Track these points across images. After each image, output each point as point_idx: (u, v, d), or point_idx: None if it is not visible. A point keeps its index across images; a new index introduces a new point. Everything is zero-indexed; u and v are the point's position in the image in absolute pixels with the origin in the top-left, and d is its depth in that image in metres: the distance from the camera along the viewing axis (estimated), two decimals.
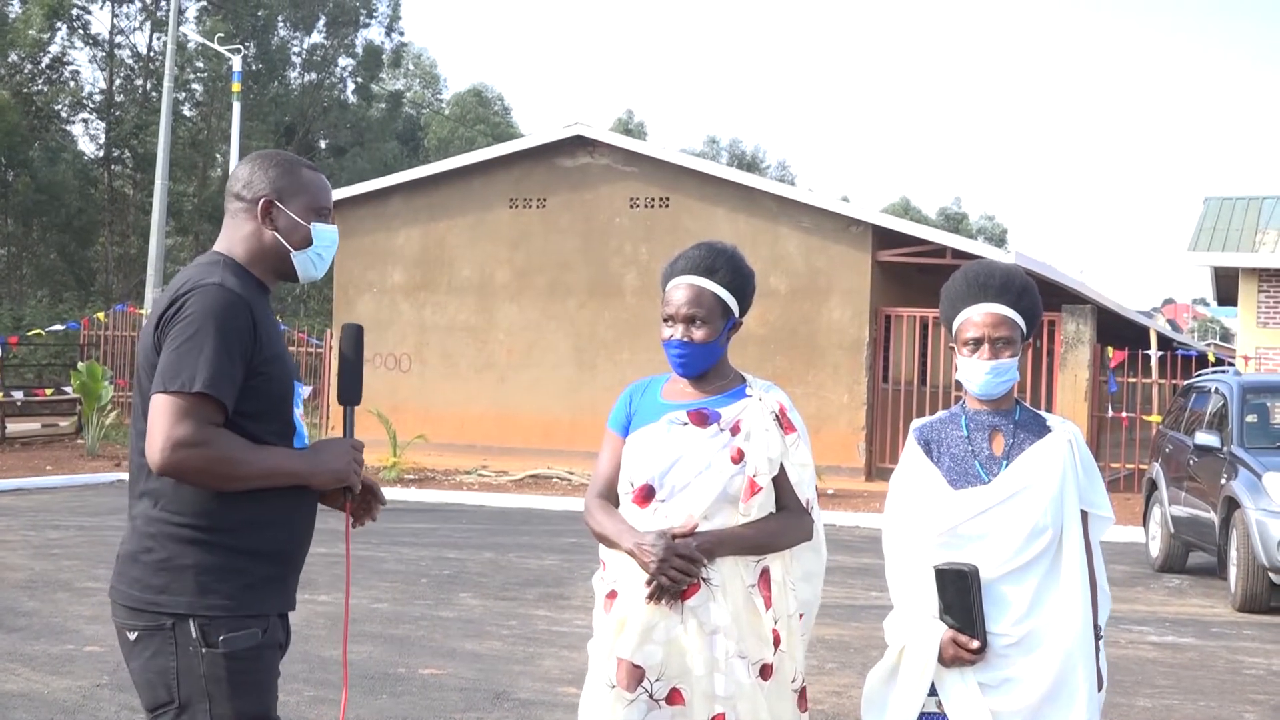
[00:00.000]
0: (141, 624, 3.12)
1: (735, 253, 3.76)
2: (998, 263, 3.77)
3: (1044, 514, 3.52)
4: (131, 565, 3.17)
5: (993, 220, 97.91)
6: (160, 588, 3.10)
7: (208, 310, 3.06)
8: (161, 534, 3.12)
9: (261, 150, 3.49)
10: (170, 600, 3.09)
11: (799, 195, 22.30)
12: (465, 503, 17.75)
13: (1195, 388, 13.92)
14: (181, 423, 3.00)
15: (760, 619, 3.57)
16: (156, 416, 3.02)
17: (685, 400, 3.71)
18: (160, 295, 3.21)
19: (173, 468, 3.02)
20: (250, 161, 3.37)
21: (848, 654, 8.56)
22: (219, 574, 3.10)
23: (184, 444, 2.99)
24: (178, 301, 3.11)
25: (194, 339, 3.04)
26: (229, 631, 3.09)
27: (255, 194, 3.30)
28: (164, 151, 29.44)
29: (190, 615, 3.08)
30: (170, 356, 3.05)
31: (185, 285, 3.14)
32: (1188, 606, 11.22)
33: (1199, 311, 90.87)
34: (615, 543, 3.61)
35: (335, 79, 52.65)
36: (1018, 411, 3.69)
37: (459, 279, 23.22)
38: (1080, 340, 20.12)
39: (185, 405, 3.01)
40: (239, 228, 3.32)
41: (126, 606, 3.15)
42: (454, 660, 8.02)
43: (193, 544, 3.10)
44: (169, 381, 3.02)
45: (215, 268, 3.21)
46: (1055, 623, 3.50)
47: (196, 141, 46.95)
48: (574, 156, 22.63)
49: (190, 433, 3.00)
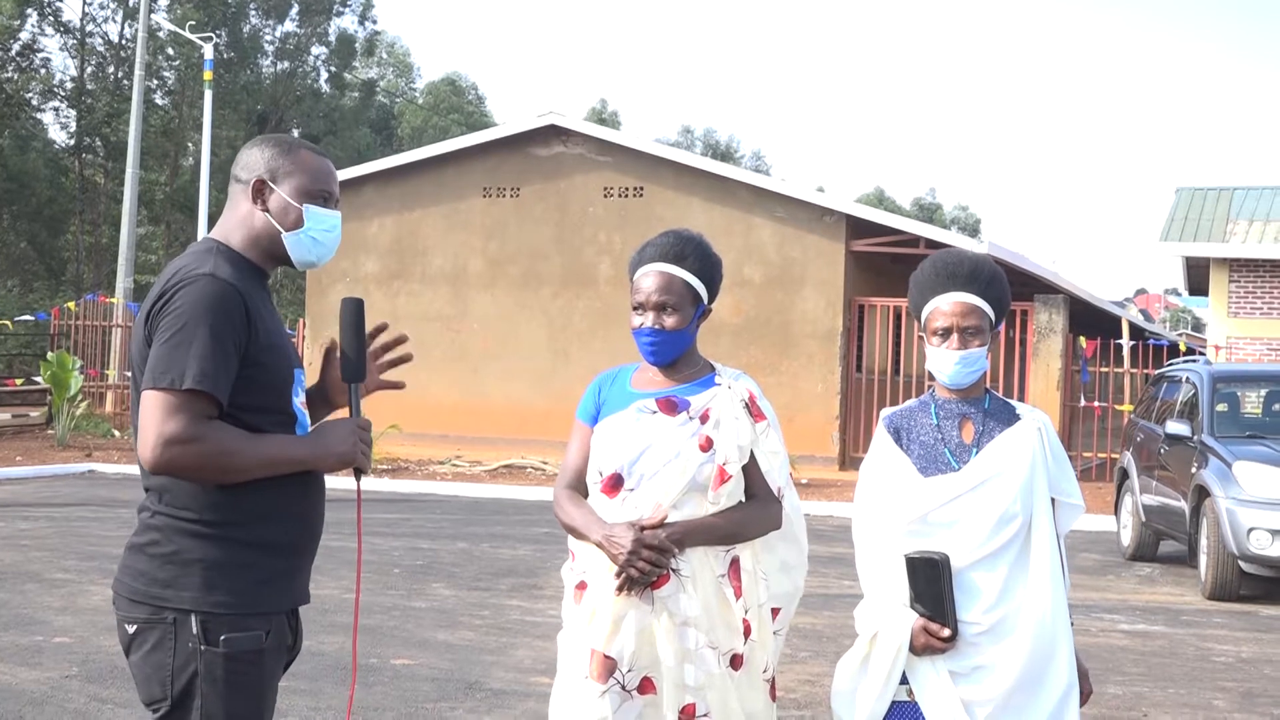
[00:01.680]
0: (142, 617, 3.04)
1: (703, 240, 3.75)
2: (966, 251, 3.77)
3: (1014, 501, 3.52)
4: (137, 557, 3.08)
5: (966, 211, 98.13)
6: (165, 581, 3.02)
7: (197, 302, 2.99)
8: (168, 528, 3.04)
9: (267, 134, 3.40)
10: (175, 595, 3.01)
11: (773, 185, 22.31)
12: (438, 493, 17.71)
13: (1166, 377, 13.98)
14: (171, 419, 2.93)
15: (730, 609, 3.57)
16: (146, 413, 2.96)
17: (654, 389, 3.70)
18: (152, 287, 3.15)
19: (165, 465, 2.95)
20: (252, 143, 3.30)
21: (820, 643, 8.57)
22: (226, 569, 3.03)
23: (175, 440, 2.93)
24: (166, 293, 3.03)
25: (183, 332, 2.96)
26: (231, 631, 3.01)
27: (250, 174, 3.23)
28: (135, 140, 29.25)
29: (194, 611, 3.00)
30: (159, 351, 2.97)
31: (174, 276, 3.06)
32: (1158, 595, 11.28)
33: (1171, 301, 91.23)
34: (584, 534, 3.60)
35: (308, 67, 52.45)
36: (987, 400, 3.69)
37: (432, 268, 23.16)
38: (1053, 330, 20.19)
39: (175, 401, 2.93)
40: (235, 210, 3.25)
41: (128, 599, 3.07)
42: (426, 650, 8.00)
43: (200, 538, 3.02)
44: (158, 378, 2.95)
45: (208, 256, 3.13)
46: (1026, 610, 3.50)
47: (168, 130, 46.69)
48: (548, 146, 22.58)
49: (181, 429, 2.93)
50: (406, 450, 21.31)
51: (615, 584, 3.51)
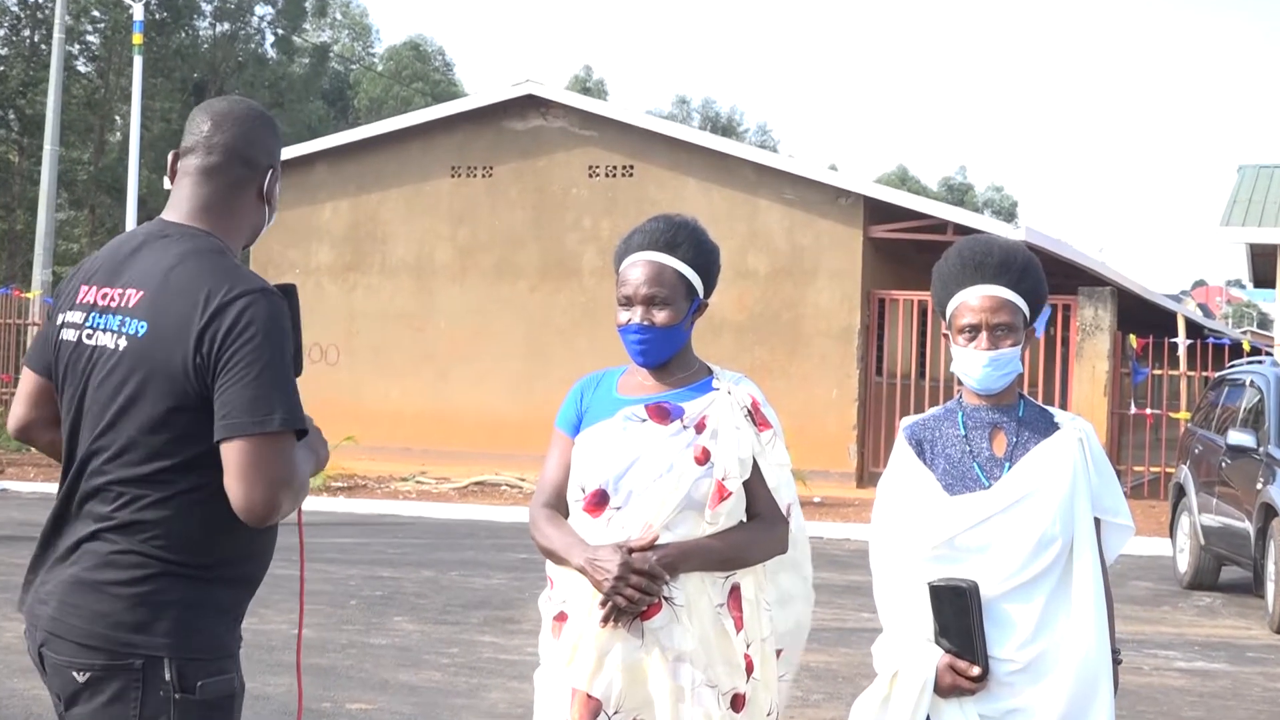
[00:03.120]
0: (99, 663, 2.99)
1: (698, 226, 3.77)
2: (996, 238, 3.78)
3: (1052, 522, 3.53)
4: (93, 596, 3.02)
5: (1001, 192, 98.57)
6: (134, 625, 2.98)
7: (273, 326, 3.00)
8: (144, 566, 3.01)
9: (246, 100, 3.33)
10: (145, 640, 2.97)
11: (781, 163, 22.35)
12: (401, 514, 17.71)
13: (1228, 380, 14.02)
14: (285, 465, 2.96)
15: (730, 643, 3.57)
16: (259, 462, 2.94)
17: (643, 394, 3.71)
18: (171, 294, 3.03)
19: (274, 512, 2.98)
20: (256, 119, 3.24)
21: (835, 683, 8.59)
22: (204, 610, 3.03)
23: (286, 484, 2.97)
24: (225, 313, 2.98)
25: (273, 366, 2.98)
26: (208, 676, 3.01)
27: (269, 160, 3.23)
28: (54, 113, 29.20)
29: (168, 656, 2.98)
30: (254, 389, 2.95)
31: (225, 291, 2.99)
32: (1219, 628, 11.31)
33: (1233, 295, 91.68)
34: (564, 558, 3.60)
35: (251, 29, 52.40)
36: (1021, 407, 3.70)
37: (393, 258, 23.16)
38: (1099, 327, 20.23)
39: (286, 445, 2.97)
40: (236, 198, 3.20)
41: (77, 643, 3.02)
42: (386, 693, 8.00)
43: (183, 579, 3.02)
44: (264, 422, 2.94)
45: (228, 259, 3.10)
46: (1066, 646, 3.51)
47: (92, 101, 46.63)
48: (525, 119, 22.59)
49: (290, 472, 2.98)
50: (364, 466, 21.31)
51: (600, 614, 3.52)
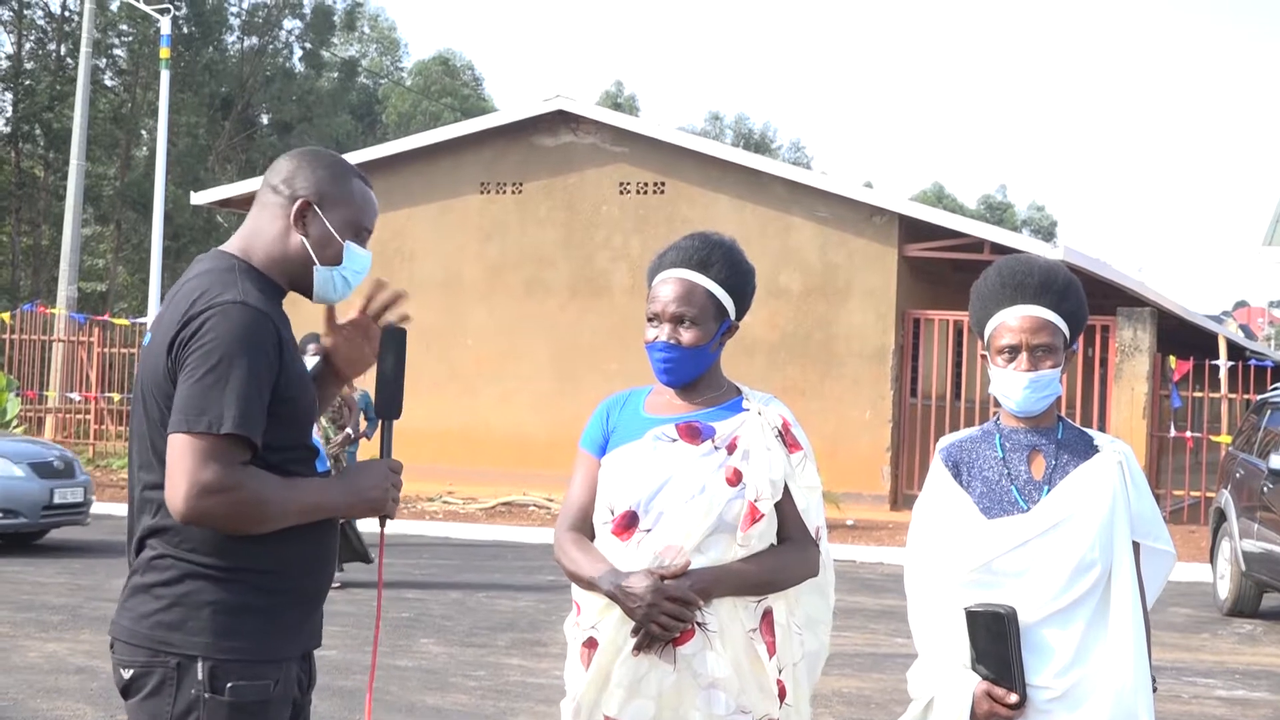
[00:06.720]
0: (140, 660, 3.16)
1: (733, 246, 3.76)
2: (1036, 257, 3.77)
3: (1091, 547, 3.52)
4: (139, 598, 3.19)
5: (1041, 211, 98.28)
6: (171, 624, 3.14)
7: (232, 334, 3.09)
8: (177, 569, 3.16)
9: (315, 147, 3.51)
10: (181, 639, 3.13)
11: (814, 180, 22.35)
12: (428, 534, 17.75)
13: (1271, 403, 13.95)
14: (207, 466, 3.04)
15: (763, 668, 3.56)
16: (178, 460, 3.06)
17: (673, 414, 3.70)
18: (166, 307, 3.22)
19: (199, 516, 3.06)
20: (298, 155, 3.41)
21: (868, 709, 8.56)
22: (241, 614, 3.16)
23: (211, 490, 3.04)
24: (194, 321, 3.12)
25: (217, 369, 3.06)
26: (240, 679, 3.13)
27: (294, 191, 3.33)
28: (81, 128, 29.42)
29: (201, 657, 3.12)
30: (192, 390, 3.07)
31: (201, 301, 3.15)
32: (1261, 656, 11.24)
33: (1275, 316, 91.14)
34: (593, 584, 3.58)
35: (280, 44, 52.70)
36: (1060, 429, 3.69)
37: (421, 275, 23.22)
38: (1138, 348, 20.16)
39: (211, 448, 3.04)
40: (267, 223, 3.34)
41: (126, 642, 3.19)
42: (413, 716, 8.01)
43: (214, 581, 3.15)
44: (192, 421, 3.05)
45: (231, 275, 3.22)
46: (1104, 674, 3.50)
47: (119, 116, 46.95)
48: (555, 135, 22.65)
49: (217, 478, 3.04)
50: None
51: (632, 642, 3.51)
